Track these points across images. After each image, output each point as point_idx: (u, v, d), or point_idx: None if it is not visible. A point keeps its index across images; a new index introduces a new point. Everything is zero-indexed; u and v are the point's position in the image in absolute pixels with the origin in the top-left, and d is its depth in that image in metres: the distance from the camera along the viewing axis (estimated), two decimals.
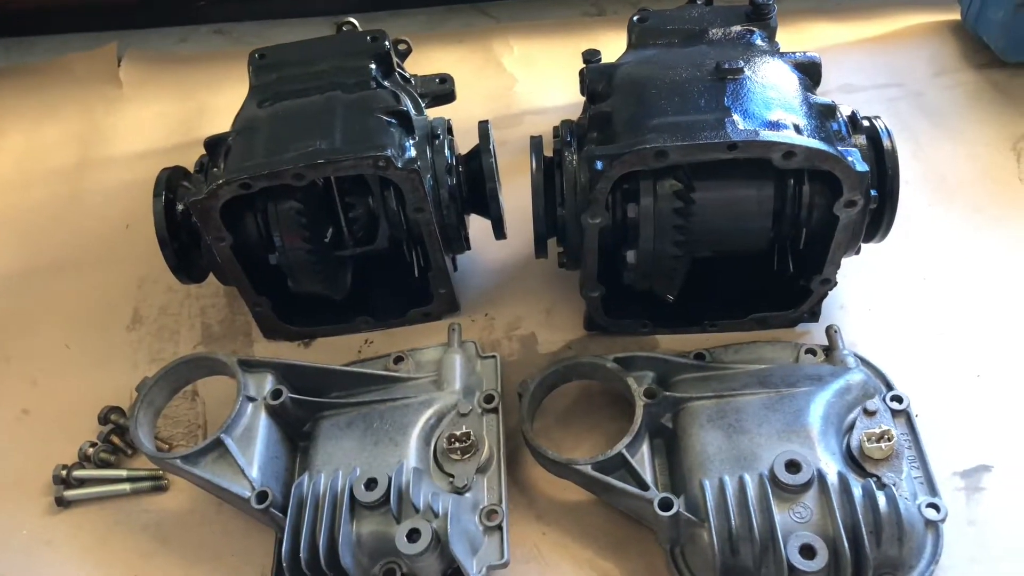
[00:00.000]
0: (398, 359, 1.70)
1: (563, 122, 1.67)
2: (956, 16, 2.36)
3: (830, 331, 1.63)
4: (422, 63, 1.89)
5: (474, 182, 1.69)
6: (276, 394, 1.55)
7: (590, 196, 1.49)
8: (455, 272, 1.84)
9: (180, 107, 2.32)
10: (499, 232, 1.74)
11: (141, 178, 2.10)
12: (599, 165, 1.45)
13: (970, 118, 2.16)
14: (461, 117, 1.95)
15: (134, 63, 2.47)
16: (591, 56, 1.96)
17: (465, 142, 1.67)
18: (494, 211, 1.70)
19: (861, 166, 1.45)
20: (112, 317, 1.85)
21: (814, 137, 1.45)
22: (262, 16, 2.52)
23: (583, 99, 2.04)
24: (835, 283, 1.65)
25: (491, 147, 1.69)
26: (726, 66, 1.53)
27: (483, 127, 1.71)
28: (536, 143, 1.65)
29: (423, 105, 1.80)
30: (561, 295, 1.77)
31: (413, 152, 1.60)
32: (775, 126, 1.43)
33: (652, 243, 1.54)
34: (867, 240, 1.63)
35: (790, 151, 1.41)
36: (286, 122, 1.60)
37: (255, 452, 1.50)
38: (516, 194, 1.78)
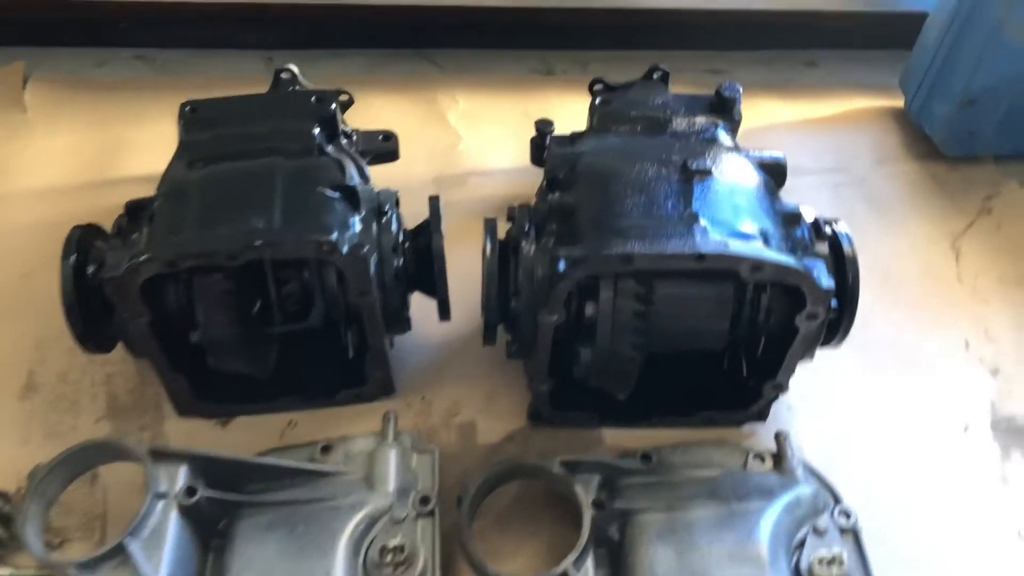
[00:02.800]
0: (326, 448, 1.57)
1: (520, 208, 1.58)
2: (900, 103, 2.37)
3: (779, 439, 1.58)
4: (361, 111, 1.78)
5: (421, 260, 1.57)
6: (190, 491, 1.40)
7: (550, 294, 1.40)
8: (391, 350, 1.72)
9: (93, 139, 2.12)
10: (444, 313, 1.63)
11: (44, 220, 1.91)
12: (562, 265, 1.37)
13: (911, 210, 2.17)
14: (402, 175, 1.84)
15: (42, 85, 2.26)
16: (544, 127, 1.88)
17: (408, 202, 1.54)
18: (441, 292, 1.59)
19: (827, 281, 1.41)
20: (2, 382, 1.66)
21: (781, 247, 1.40)
22: (190, 44, 2.34)
23: (530, 164, 1.97)
24: (787, 388, 1.61)
25: (441, 225, 1.59)
26: (693, 166, 1.47)
27: (434, 205, 1.60)
28: (491, 227, 1.56)
29: (366, 167, 1.69)
30: (503, 380, 1.66)
31: (358, 231, 1.48)
32: (743, 236, 1.38)
33: (609, 342, 1.46)
34: (822, 345, 1.59)
35: (757, 265, 1.36)
36: (220, 190, 1.46)
37: (163, 557, 1.35)
38: (459, 264, 1.65)
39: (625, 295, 1.43)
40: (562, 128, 1.69)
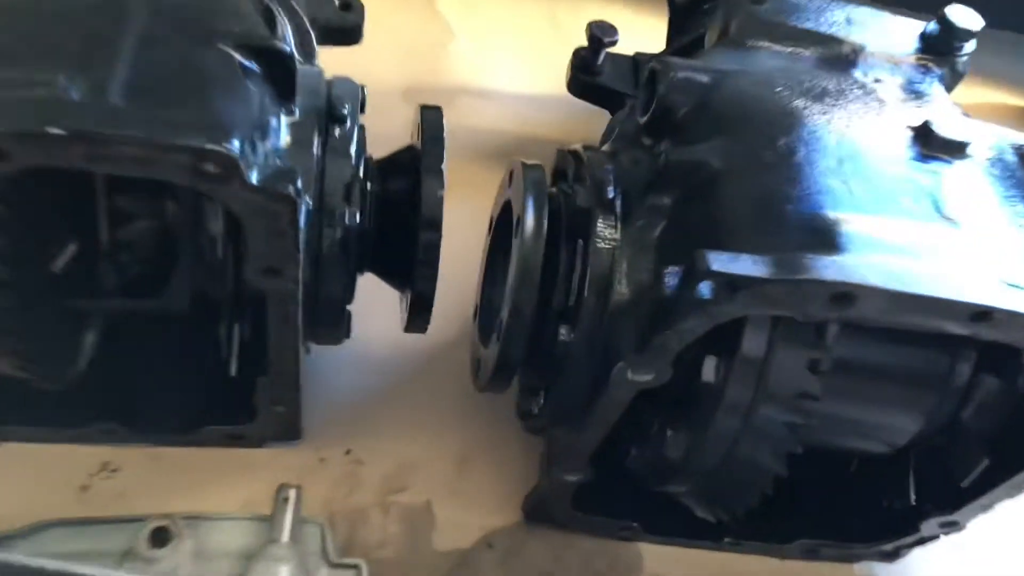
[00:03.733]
0: (160, 534, 0.85)
1: (591, 152, 0.86)
2: None
3: None
4: None
5: (392, 222, 0.85)
6: None
7: (655, 333, 0.70)
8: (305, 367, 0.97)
9: None
10: (419, 320, 0.91)
11: None
12: (705, 289, 0.66)
13: None
14: (359, 76, 1.06)
15: None
16: (602, 34, 1.17)
17: (373, 125, 0.93)
18: (423, 284, 0.87)
19: None
20: None
21: None
22: None
23: (555, 91, 1.34)
24: (963, 527, 0.97)
25: (443, 162, 0.85)
26: (942, 134, 0.78)
27: (434, 120, 0.87)
28: (534, 180, 0.84)
29: (313, 39, 0.94)
30: (485, 435, 1.09)
31: (285, 145, 0.74)
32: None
33: (738, 435, 0.77)
34: None
35: None
36: (12, 20, 0.69)
37: None
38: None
39: (789, 356, 0.73)
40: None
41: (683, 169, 0.78)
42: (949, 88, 0.99)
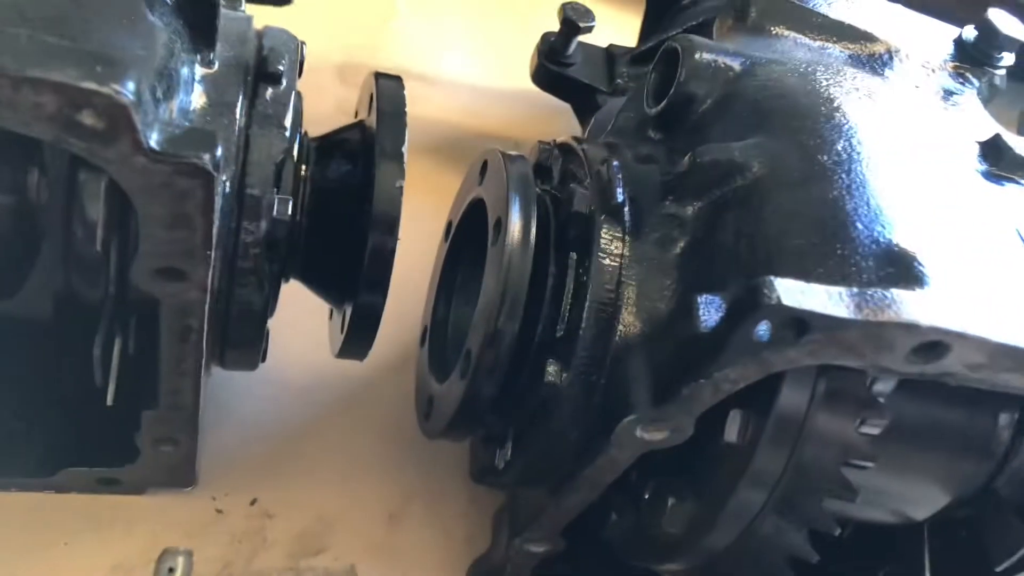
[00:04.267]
0: None
1: (588, 146, 0.70)
2: None
3: None
4: None
5: (332, 217, 0.66)
6: None
7: (681, 388, 0.54)
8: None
9: None
10: (360, 343, 0.73)
11: None
12: (762, 330, 0.50)
13: None
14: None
15: None
16: (576, 17, 1.01)
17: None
18: (368, 299, 0.68)
19: None
20: None
21: None
22: None
23: (512, 83, 1.25)
24: None
25: (403, 144, 0.67)
26: (1018, 151, 0.65)
27: (393, 91, 0.69)
28: (519, 177, 0.66)
29: None
30: (421, 485, 0.93)
31: (198, 104, 0.53)
32: None
33: (760, 511, 0.61)
34: None
35: None
36: None
37: None
38: None
39: (837, 417, 0.58)
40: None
41: (713, 172, 0.62)
42: (984, 103, 0.86)
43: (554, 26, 1.11)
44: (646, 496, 0.69)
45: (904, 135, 0.67)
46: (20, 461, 0.75)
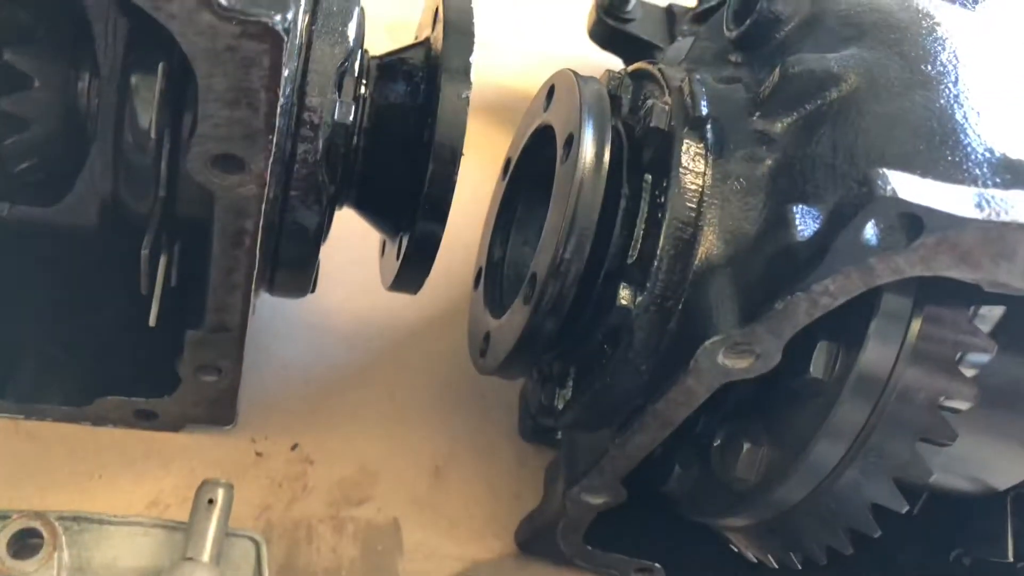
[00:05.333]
0: (25, 538, 0.59)
1: (666, 67, 0.66)
2: None
3: None
4: None
5: (391, 140, 0.62)
6: None
7: (775, 303, 0.49)
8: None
9: None
10: (416, 272, 0.69)
11: None
12: (871, 233, 0.45)
13: None
14: None
15: None
16: None
17: None
18: (427, 224, 0.64)
19: None
20: None
21: None
22: None
23: (569, 45, 1.15)
24: None
25: (470, 59, 0.63)
26: None
27: (461, 4, 0.65)
28: (594, 95, 0.63)
29: None
30: (468, 438, 0.87)
31: None
32: None
33: (846, 457, 0.56)
34: None
35: None
36: None
37: None
38: None
39: (939, 347, 0.54)
40: None
41: (807, 83, 0.58)
42: None
43: None
44: (716, 443, 0.65)
45: (1001, 58, 0.63)
46: (57, 389, 0.72)
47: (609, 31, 1.06)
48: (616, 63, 1.12)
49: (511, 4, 1.31)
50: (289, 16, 0.45)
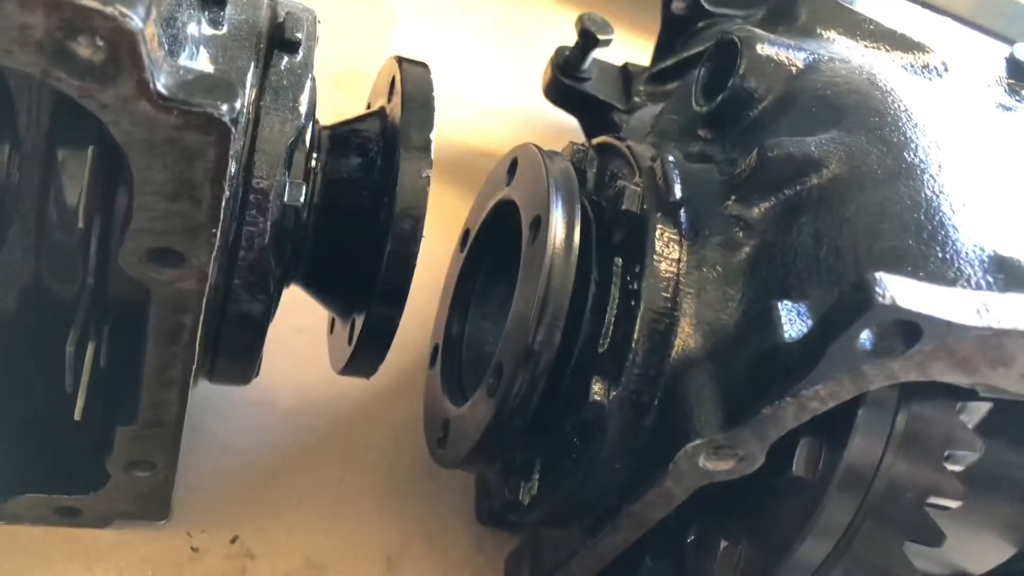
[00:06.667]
0: None
1: (635, 144, 0.63)
2: None
3: None
4: None
5: (345, 215, 0.58)
6: None
7: (760, 408, 0.46)
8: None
9: None
10: (370, 357, 0.64)
11: None
12: (866, 339, 0.42)
13: None
14: None
15: None
16: (598, 28, 0.97)
17: None
18: (383, 307, 0.60)
19: None
20: None
21: None
22: None
23: (516, 100, 1.21)
24: None
25: (431, 133, 0.59)
26: None
27: (420, 77, 0.62)
28: (564, 173, 0.59)
29: None
30: (423, 525, 0.83)
31: (202, 68, 0.45)
32: None
33: (830, 558, 0.54)
34: None
35: None
36: None
37: None
38: None
39: (926, 447, 0.51)
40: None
41: (786, 168, 0.55)
42: None
43: (554, 42, 1.06)
44: (690, 538, 0.62)
45: (977, 142, 0.62)
46: None
47: (565, 90, 1.03)
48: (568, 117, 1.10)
49: (460, 56, 1.28)
50: (237, 105, 0.40)
